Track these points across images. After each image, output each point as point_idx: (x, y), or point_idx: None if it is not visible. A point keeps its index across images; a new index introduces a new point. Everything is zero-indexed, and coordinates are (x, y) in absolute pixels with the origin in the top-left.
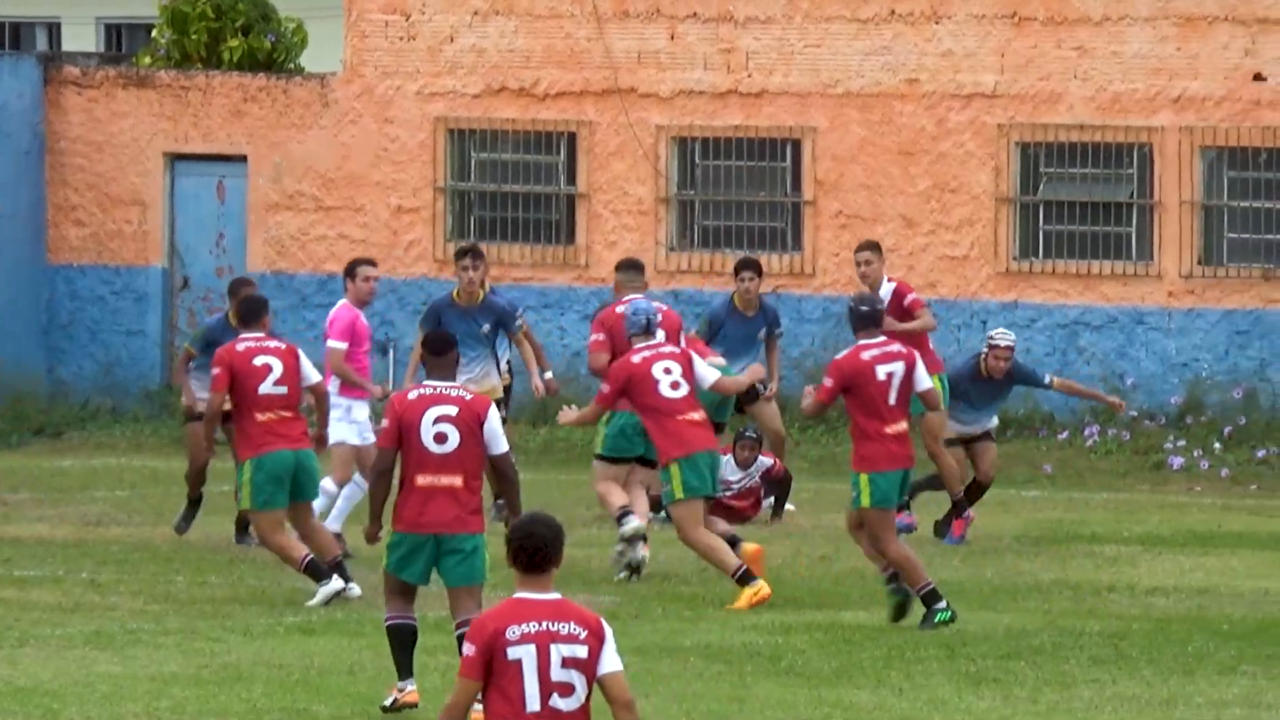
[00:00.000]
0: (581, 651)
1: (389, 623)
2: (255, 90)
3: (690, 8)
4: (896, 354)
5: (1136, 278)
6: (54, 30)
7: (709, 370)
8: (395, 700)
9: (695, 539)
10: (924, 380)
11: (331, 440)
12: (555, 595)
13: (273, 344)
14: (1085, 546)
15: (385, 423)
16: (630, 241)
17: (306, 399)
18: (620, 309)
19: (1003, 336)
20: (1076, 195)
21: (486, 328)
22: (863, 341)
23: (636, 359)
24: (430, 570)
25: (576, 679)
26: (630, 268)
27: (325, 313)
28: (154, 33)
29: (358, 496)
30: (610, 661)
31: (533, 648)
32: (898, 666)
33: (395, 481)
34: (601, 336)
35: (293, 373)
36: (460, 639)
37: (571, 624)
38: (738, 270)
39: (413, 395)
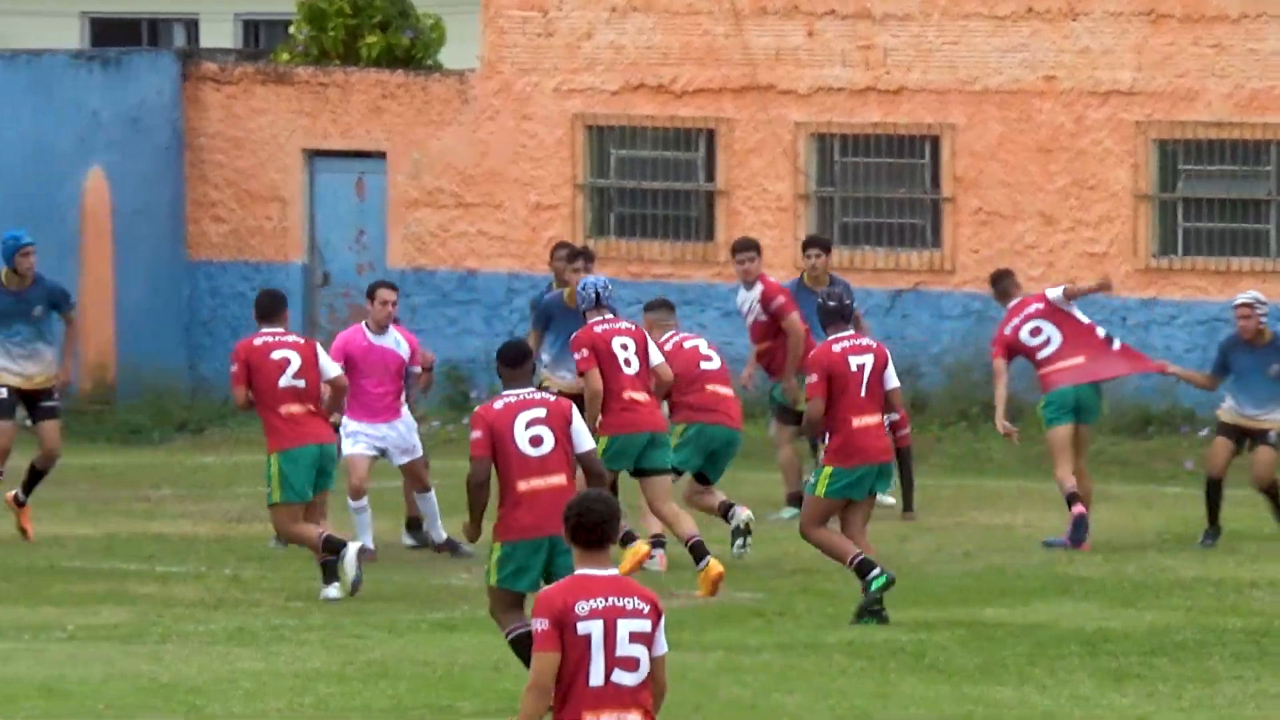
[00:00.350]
0: (646, 626)
1: (514, 634)
2: (394, 87)
3: (828, 4)
4: (866, 347)
5: (1276, 274)
6: (192, 26)
7: (658, 353)
8: None
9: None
10: (893, 378)
11: None
12: (614, 571)
13: (291, 338)
14: (1227, 543)
15: (476, 434)
16: (769, 239)
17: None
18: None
19: (1243, 295)
20: (1215, 192)
21: None
22: (833, 336)
23: (598, 330)
24: (541, 577)
25: (641, 654)
26: (661, 307)
27: (465, 309)
28: (292, 29)
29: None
30: (661, 643)
31: (600, 623)
32: (1040, 663)
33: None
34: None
35: (311, 366)
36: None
37: (635, 599)
38: (805, 247)
39: (499, 405)
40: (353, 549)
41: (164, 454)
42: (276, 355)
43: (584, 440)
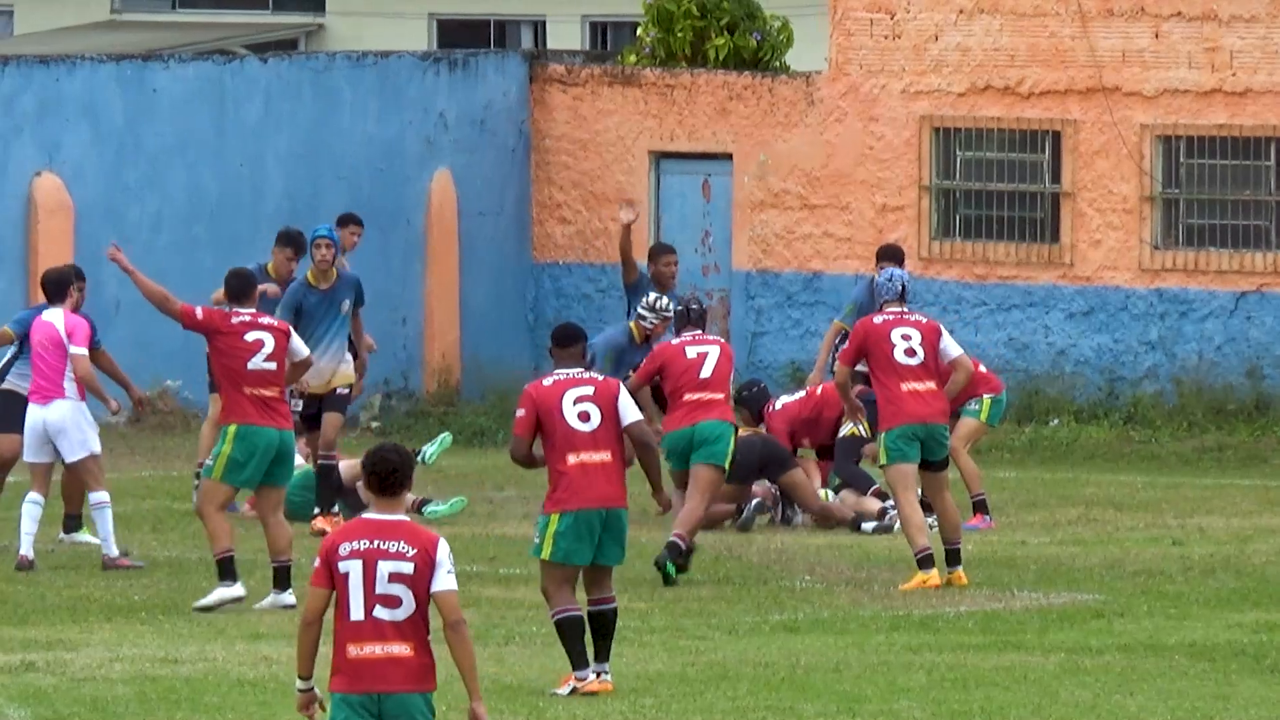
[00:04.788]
0: (407, 568)
1: (560, 616)
2: (740, 89)
3: (1175, 6)
4: (713, 340)
5: None
6: (539, 28)
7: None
8: (575, 689)
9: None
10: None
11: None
12: (399, 517)
13: (266, 320)
14: None
15: (521, 412)
16: (1115, 240)
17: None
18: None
19: None
20: None
21: None
22: (684, 336)
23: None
24: (594, 551)
25: (403, 593)
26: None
27: (809, 311)
28: (639, 31)
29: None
30: (442, 581)
31: (359, 563)
32: None
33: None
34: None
35: (283, 350)
36: (593, 615)
37: (401, 542)
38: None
39: (547, 382)
40: (222, 594)
41: (507, 455)
42: (250, 337)
43: (630, 413)
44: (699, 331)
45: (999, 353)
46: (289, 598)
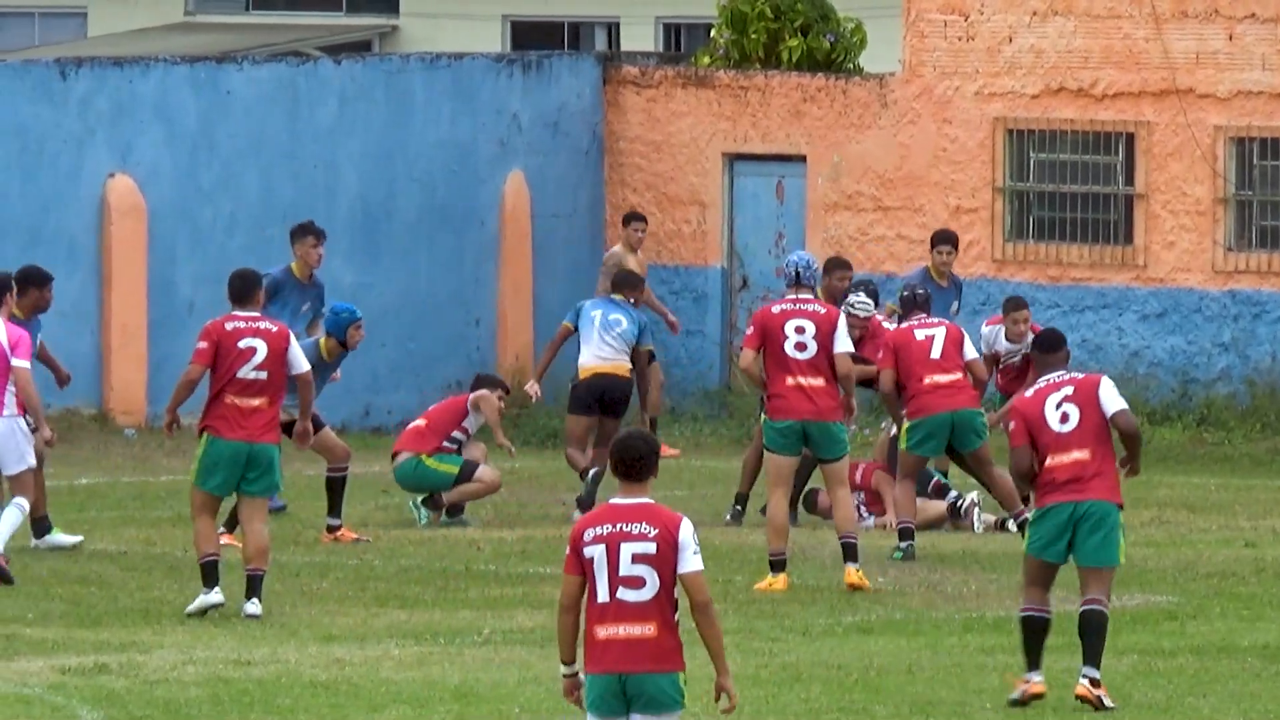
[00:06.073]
0: (649, 548)
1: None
2: (814, 90)
3: (1249, 8)
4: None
5: None
6: (613, 30)
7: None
8: (1024, 692)
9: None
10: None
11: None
12: (645, 500)
13: (264, 325)
14: None
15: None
16: (1188, 242)
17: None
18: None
19: None
20: None
21: None
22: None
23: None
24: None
25: (646, 573)
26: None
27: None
28: (713, 32)
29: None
30: (688, 563)
31: (603, 547)
32: None
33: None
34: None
35: (277, 358)
36: None
37: (643, 524)
38: (934, 243)
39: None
40: (204, 601)
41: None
42: (244, 344)
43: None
44: (924, 315)
45: (1074, 354)
46: (252, 607)
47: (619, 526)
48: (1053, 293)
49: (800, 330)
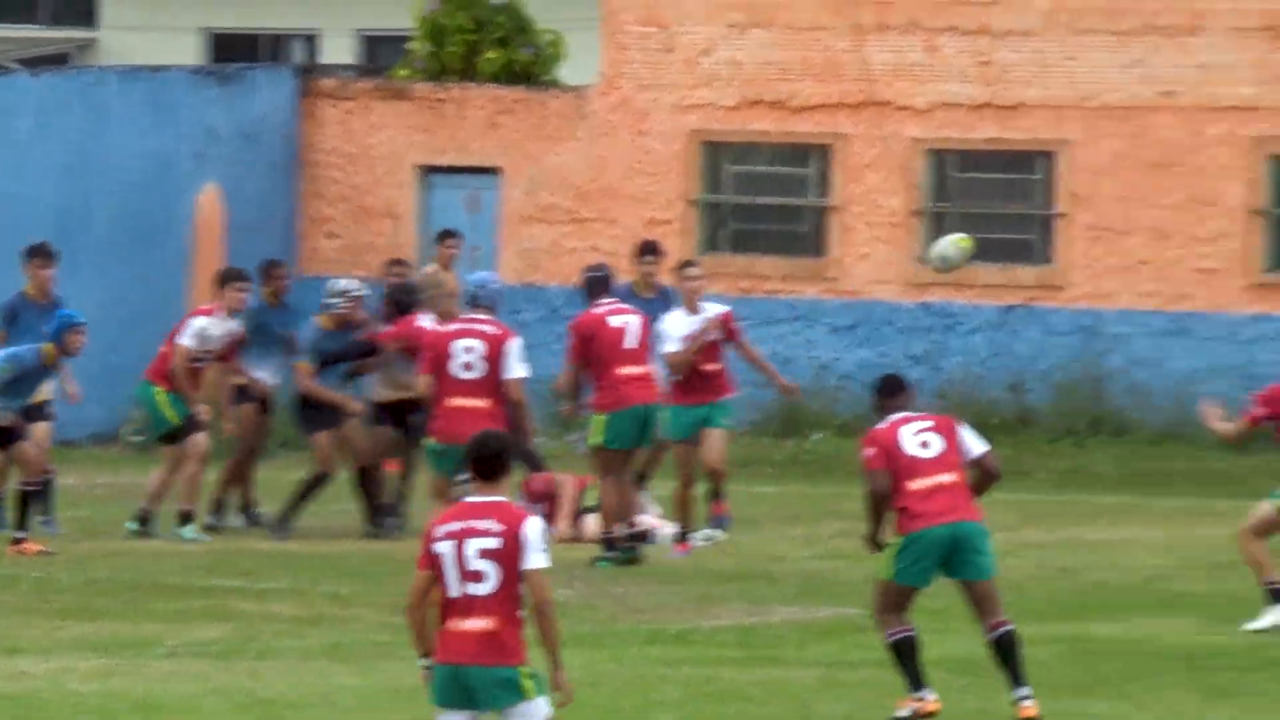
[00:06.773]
0: (494, 544)
1: (894, 638)
2: (511, 102)
3: (949, 20)
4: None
5: None
6: (313, 42)
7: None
8: (916, 710)
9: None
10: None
11: None
12: (497, 499)
13: None
14: None
15: (870, 452)
16: (882, 254)
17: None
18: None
19: None
20: None
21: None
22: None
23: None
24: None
25: (489, 568)
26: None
27: None
28: (412, 44)
29: None
30: (532, 559)
31: (452, 543)
32: (1139, 679)
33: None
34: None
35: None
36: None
37: (491, 520)
38: (639, 254)
39: (884, 425)
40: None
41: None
42: None
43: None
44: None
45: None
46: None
47: (469, 523)
48: (745, 305)
49: (469, 350)
